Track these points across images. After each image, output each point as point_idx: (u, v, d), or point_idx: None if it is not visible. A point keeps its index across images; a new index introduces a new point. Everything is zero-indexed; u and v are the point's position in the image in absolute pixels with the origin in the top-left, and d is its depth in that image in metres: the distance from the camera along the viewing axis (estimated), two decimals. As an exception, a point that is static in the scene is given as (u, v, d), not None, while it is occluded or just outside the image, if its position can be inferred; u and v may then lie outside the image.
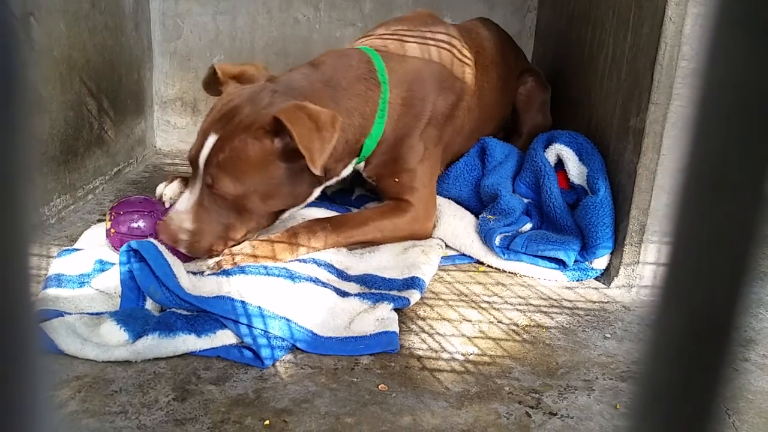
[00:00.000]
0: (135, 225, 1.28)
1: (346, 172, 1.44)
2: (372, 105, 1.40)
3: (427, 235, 1.50)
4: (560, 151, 1.50)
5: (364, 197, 1.65)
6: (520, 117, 1.88)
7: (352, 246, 1.42)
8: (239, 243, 1.30)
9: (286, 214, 1.35)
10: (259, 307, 1.08)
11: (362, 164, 1.48)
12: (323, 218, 1.42)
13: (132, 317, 1.05)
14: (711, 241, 0.17)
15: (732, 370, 0.18)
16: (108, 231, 1.29)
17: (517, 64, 1.88)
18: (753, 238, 0.17)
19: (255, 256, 1.26)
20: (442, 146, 1.57)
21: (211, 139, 1.21)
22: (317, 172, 1.18)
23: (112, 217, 1.30)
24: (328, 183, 1.43)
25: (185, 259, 1.25)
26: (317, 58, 1.43)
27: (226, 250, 1.27)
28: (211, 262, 1.24)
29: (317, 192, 1.37)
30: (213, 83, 1.38)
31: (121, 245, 1.24)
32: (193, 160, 1.25)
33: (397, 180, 1.48)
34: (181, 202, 1.25)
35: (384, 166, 1.48)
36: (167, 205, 1.37)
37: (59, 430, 0.83)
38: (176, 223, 1.22)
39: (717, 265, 0.17)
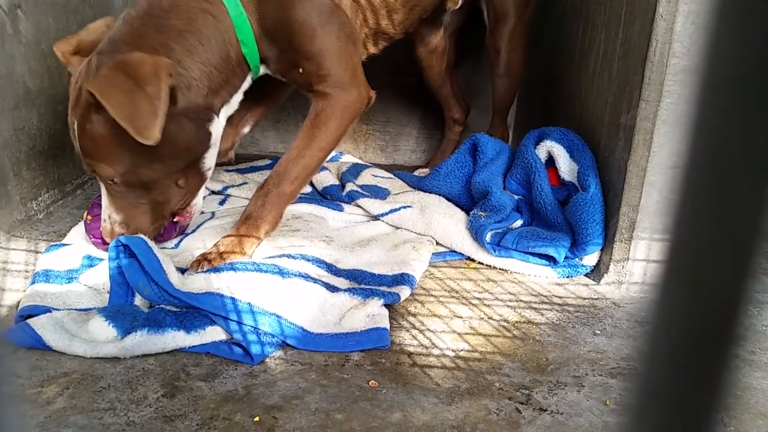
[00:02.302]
0: None
1: (245, 86, 1.31)
2: (215, 8, 1.21)
3: (366, 103, 1.39)
4: (551, 147, 1.50)
5: (355, 192, 1.65)
6: (492, 36, 1.77)
7: (308, 181, 1.37)
8: (185, 207, 1.29)
9: (206, 164, 1.27)
10: (249, 303, 1.07)
11: (263, 68, 1.34)
12: (261, 184, 1.34)
13: (121, 313, 1.05)
14: (711, 237, 0.17)
15: (732, 369, 0.18)
16: (85, 220, 1.29)
17: None
18: (754, 234, 0.17)
19: (243, 253, 1.25)
20: (341, 7, 1.35)
21: (75, 129, 1.15)
22: (150, 141, 1.03)
23: (89, 207, 1.30)
24: (226, 114, 1.30)
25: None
26: None
27: (212, 248, 1.26)
28: (198, 255, 1.24)
29: (216, 128, 1.26)
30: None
31: (98, 232, 1.24)
32: (78, 156, 1.18)
33: (301, 71, 1.32)
34: (102, 201, 1.22)
35: (281, 61, 1.32)
36: None
37: (44, 427, 0.83)
38: (110, 223, 1.20)
39: (717, 262, 0.17)
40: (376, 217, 1.58)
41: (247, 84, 1.32)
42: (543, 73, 1.90)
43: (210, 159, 1.28)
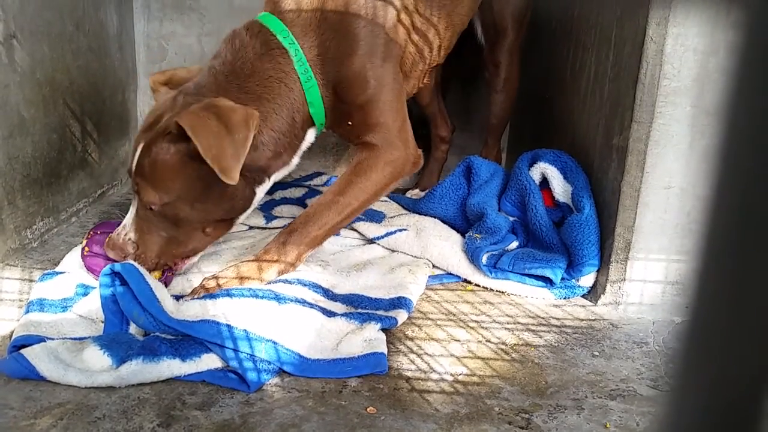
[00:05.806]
0: None
1: (304, 146, 1.34)
2: (289, 77, 1.26)
3: (414, 164, 1.40)
4: (545, 169, 1.51)
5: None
6: (492, 52, 1.79)
7: (337, 230, 1.37)
8: (189, 257, 1.28)
9: (241, 218, 1.30)
10: (245, 330, 1.06)
11: None
12: (288, 224, 1.35)
13: (115, 342, 1.04)
14: (740, 295, 0.16)
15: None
16: (82, 250, 1.28)
17: None
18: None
19: (240, 278, 1.25)
20: (396, 59, 1.38)
21: (139, 150, 1.19)
22: (231, 181, 1.09)
23: (89, 237, 1.29)
24: (277, 177, 1.33)
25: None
26: (219, 47, 1.30)
27: (210, 275, 1.25)
28: (196, 283, 1.23)
29: (262, 190, 1.30)
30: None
31: (95, 265, 1.23)
32: (130, 172, 1.23)
33: (350, 123, 1.34)
34: (127, 216, 1.24)
35: (333, 115, 1.34)
36: None
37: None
38: (122, 237, 1.22)
39: (749, 323, 0.16)
40: (371, 241, 1.57)
41: (307, 144, 1.35)
42: (534, 95, 1.92)
43: (243, 217, 1.31)
